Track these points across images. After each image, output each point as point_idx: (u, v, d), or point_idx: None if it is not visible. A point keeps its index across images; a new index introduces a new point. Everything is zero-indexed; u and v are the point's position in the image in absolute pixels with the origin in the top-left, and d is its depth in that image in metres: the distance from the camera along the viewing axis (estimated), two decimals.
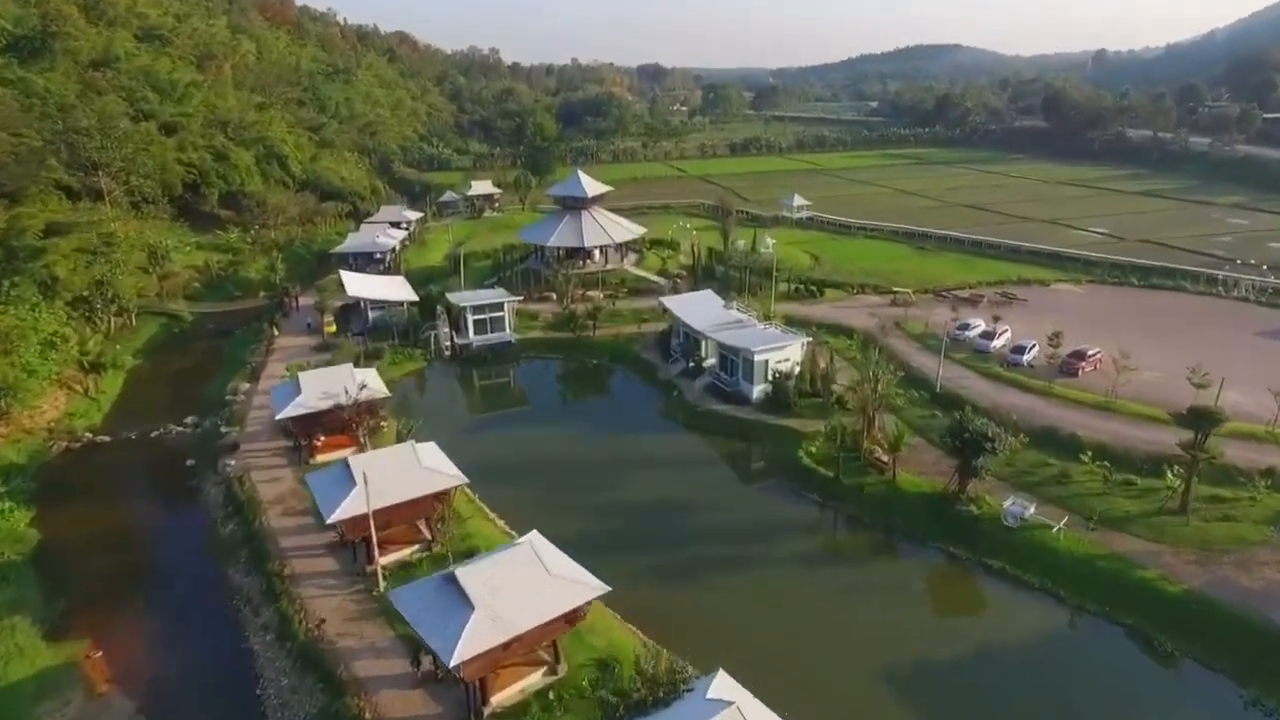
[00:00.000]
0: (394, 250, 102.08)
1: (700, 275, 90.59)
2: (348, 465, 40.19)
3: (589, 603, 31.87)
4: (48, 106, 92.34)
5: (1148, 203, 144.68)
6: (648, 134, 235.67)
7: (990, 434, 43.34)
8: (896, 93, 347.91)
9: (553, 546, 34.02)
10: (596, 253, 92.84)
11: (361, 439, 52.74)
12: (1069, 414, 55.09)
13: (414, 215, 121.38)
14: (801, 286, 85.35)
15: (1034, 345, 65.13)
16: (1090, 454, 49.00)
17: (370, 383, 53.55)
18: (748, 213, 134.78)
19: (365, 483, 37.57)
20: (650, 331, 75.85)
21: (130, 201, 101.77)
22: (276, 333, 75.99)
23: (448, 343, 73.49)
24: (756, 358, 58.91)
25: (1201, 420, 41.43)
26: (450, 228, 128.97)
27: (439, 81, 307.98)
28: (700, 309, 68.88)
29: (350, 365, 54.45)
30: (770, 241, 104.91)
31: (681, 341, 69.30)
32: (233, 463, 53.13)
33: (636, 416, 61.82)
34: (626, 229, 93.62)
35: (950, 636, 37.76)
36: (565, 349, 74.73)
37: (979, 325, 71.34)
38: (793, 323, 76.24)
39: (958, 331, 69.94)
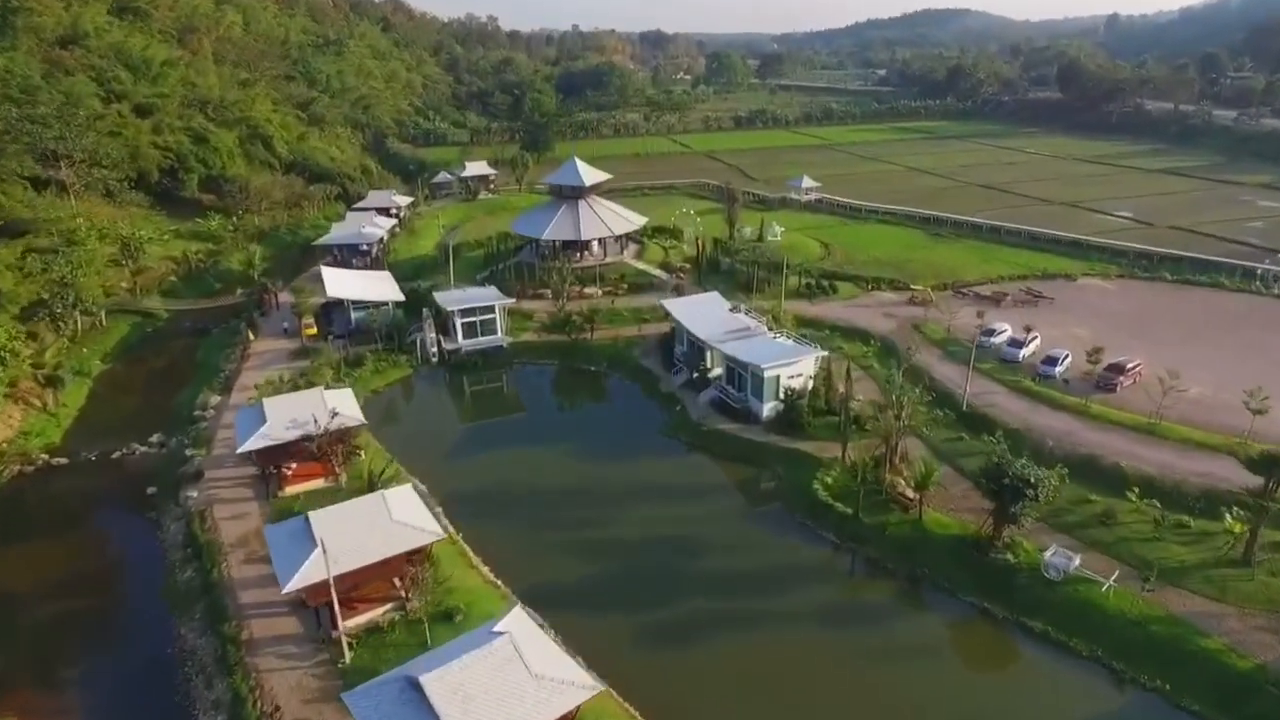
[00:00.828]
0: (382, 240, 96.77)
1: (704, 269, 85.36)
2: (308, 522, 35.64)
3: (579, 707, 27.48)
4: (9, 89, 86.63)
5: (1172, 182, 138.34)
6: (650, 107, 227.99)
7: (1033, 479, 38.60)
8: (905, 61, 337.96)
9: (538, 631, 29.69)
10: (595, 244, 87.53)
11: (335, 469, 48.28)
12: (1110, 439, 50.27)
13: (404, 200, 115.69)
14: (813, 283, 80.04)
15: (1066, 356, 60.11)
16: (1137, 490, 44.33)
17: (343, 407, 48.80)
18: (754, 194, 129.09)
19: (325, 548, 33.05)
20: (651, 334, 70.94)
21: (102, 190, 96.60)
22: (252, 337, 71.05)
23: (434, 348, 68.66)
24: (767, 374, 54.08)
25: (1275, 468, 36.65)
26: (442, 213, 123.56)
27: (435, 52, 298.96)
28: (705, 314, 63.87)
29: (321, 390, 49.63)
30: (778, 229, 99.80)
31: (685, 350, 64.43)
32: (195, 494, 48.68)
33: (637, 434, 57.13)
34: (626, 220, 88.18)
35: (983, 716, 33.46)
36: (561, 354, 69.87)
37: (1005, 330, 66.26)
38: (804, 324, 71.52)
39: (983, 338, 64.77)
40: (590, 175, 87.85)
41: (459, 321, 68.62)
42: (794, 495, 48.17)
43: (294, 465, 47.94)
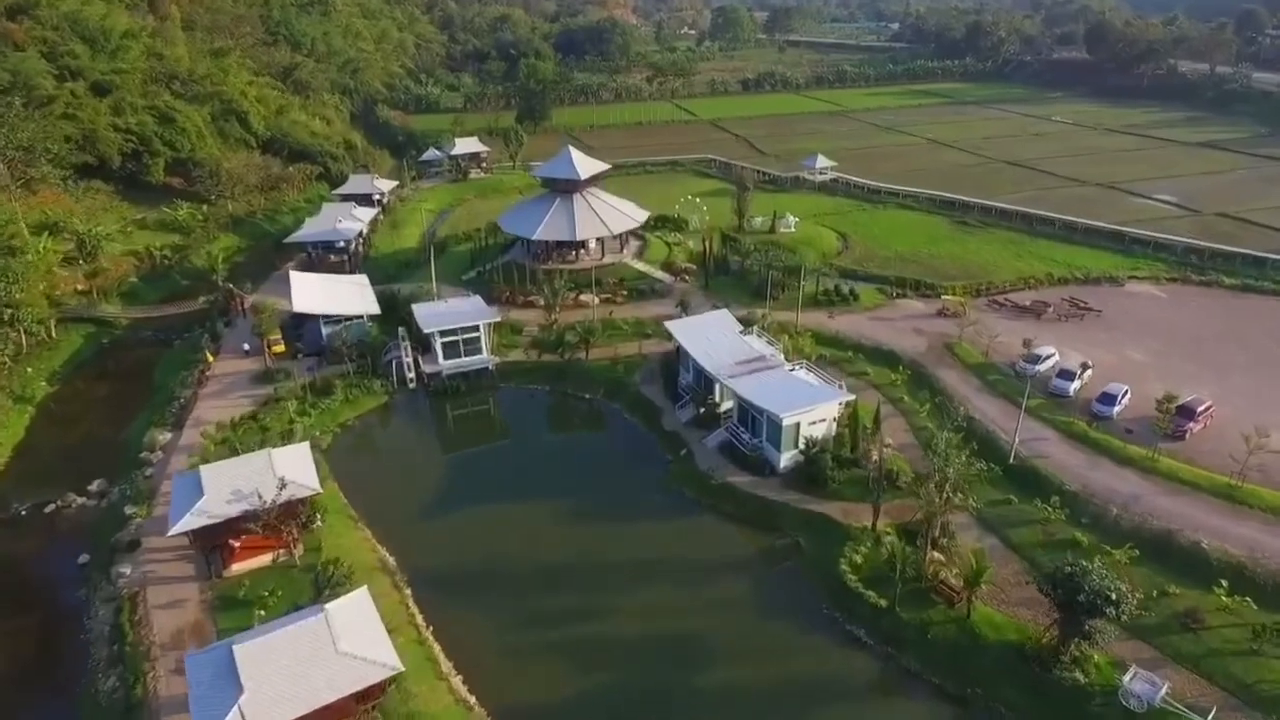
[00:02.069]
0: (361, 235, 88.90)
1: (712, 270, 77.62)
2: (233, 657, 29.19)
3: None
4: None
5: (1213, 159, 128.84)
6: (655, 73, 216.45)
7: (1114, 596, 31.84)
8: (919, 16, 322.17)
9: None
10: (592, 243, 79.74)
11: (289, 541, 41.78)
12: (1185, 506, 43.38)
13: (387, 186, 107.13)
14: (832, 289, 72.38)
15: (1125, 392, 52.87)
16: (1226, 584, 37.64)
17: (296, 472, 42.06)
18: (765, 173, 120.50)
19: (250, 702, 26.65)
20: (653, 352, 63.73)
21: (57, 181, 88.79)
22: (211, 359, 64.02)
23: (411, 373, 61.70)
24: (785, 422, 47.09)
25: None
26: (430, 195, 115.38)
27: (428, 9, 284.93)
28: (713, 338, 56.59)
29: (268, 454, 42.68)
30: (792, 220, 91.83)
31: (691, 380, 57.36)
32: (128, 571, 42.28)
33: (637, 485, 50.40)
34: (626, 216, 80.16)
35: None
36: (552, 377, 62.79)
37: (1051, 354, 58.86)
38: (824, 342, 64.30)
39: (1026, 365, 57.63)
40: (586, 167, 79.64)
41: (439, 341, 61.56)
42: (818, 575, 41.58)
43: (241, 538, 41.46)
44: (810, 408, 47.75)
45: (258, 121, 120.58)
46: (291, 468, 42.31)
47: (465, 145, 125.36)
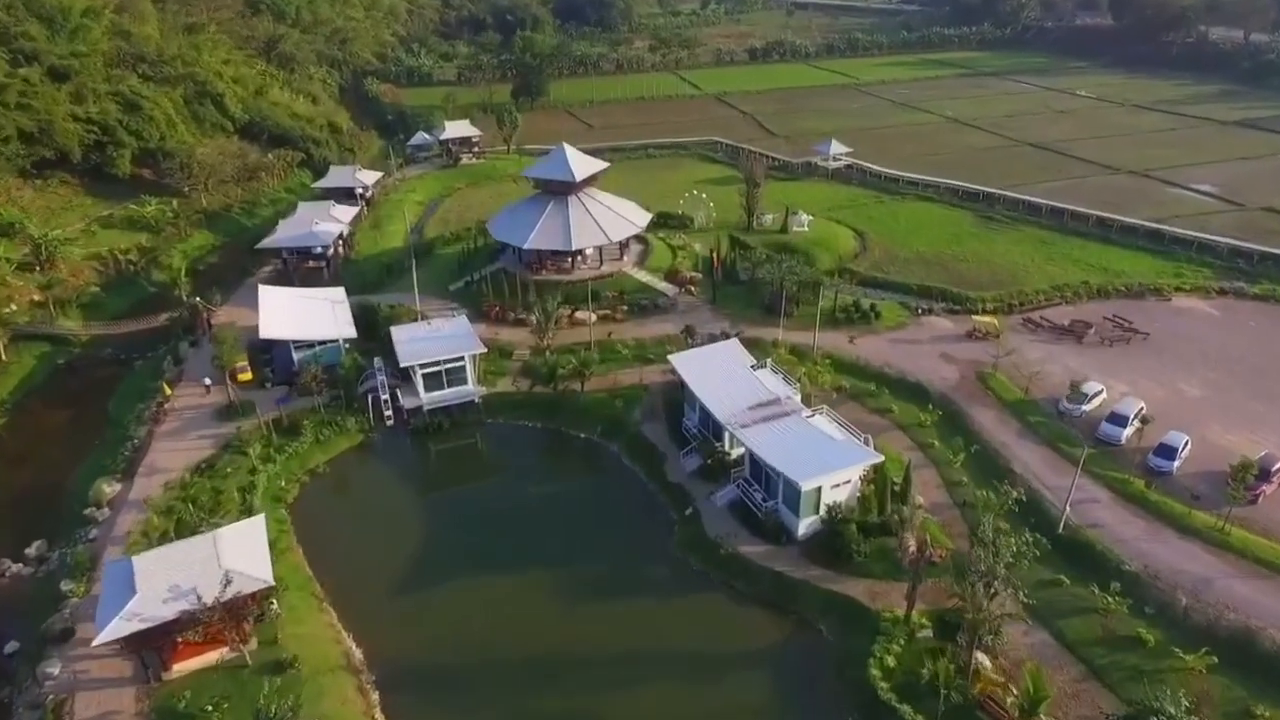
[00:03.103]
0: (341, 237, 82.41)
1: (720, 281, 71.33)
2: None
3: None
4: None
5: (1253, 141, 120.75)
6: (658, 44, 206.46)
7: None
8: None
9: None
10: (589, 249, 73.30)
11: (240, 635, 36.43)
12: (1267, 595, 37.81)
13: (371, 178, 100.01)
14: (851, 306, 66.09)
15: (1186, 443, 46.98)
16: None
17: (245, 559, 36.55)
18: (775, 159, 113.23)
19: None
20: (656, 381, 57.86)
21: (17, 170, 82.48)
22: (169, 392, 58.26)
23: (390, 411, 55.99)
24: (805, 489, 41.44)
25: None
26: (419, 184, 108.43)
27: None
28: (722, 376, 50.69)
29: (213, 540, 37.05)
30: (805, 218, 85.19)
31: (697, 422, 51.58)
32: (56, 671, 37.12)
33: (637, 551, 44.93)
34: (627, 220, 73.48)
35: None
36: (545, 411, 56.95)
37: (1099, 391, 52.80)
38: (843, 370, 58.44)
39: (1071, 405, 51.74)
40: (582, 166, 72.82)
41: (420, 374, 55.77)
42: (845, 679, 36.22)
43: (184, 636, 36.19)
44: (833, 473, 42.00)
45: (234, 104, 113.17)
46: (240, 554, 36.79)
47: (456, 129, 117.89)
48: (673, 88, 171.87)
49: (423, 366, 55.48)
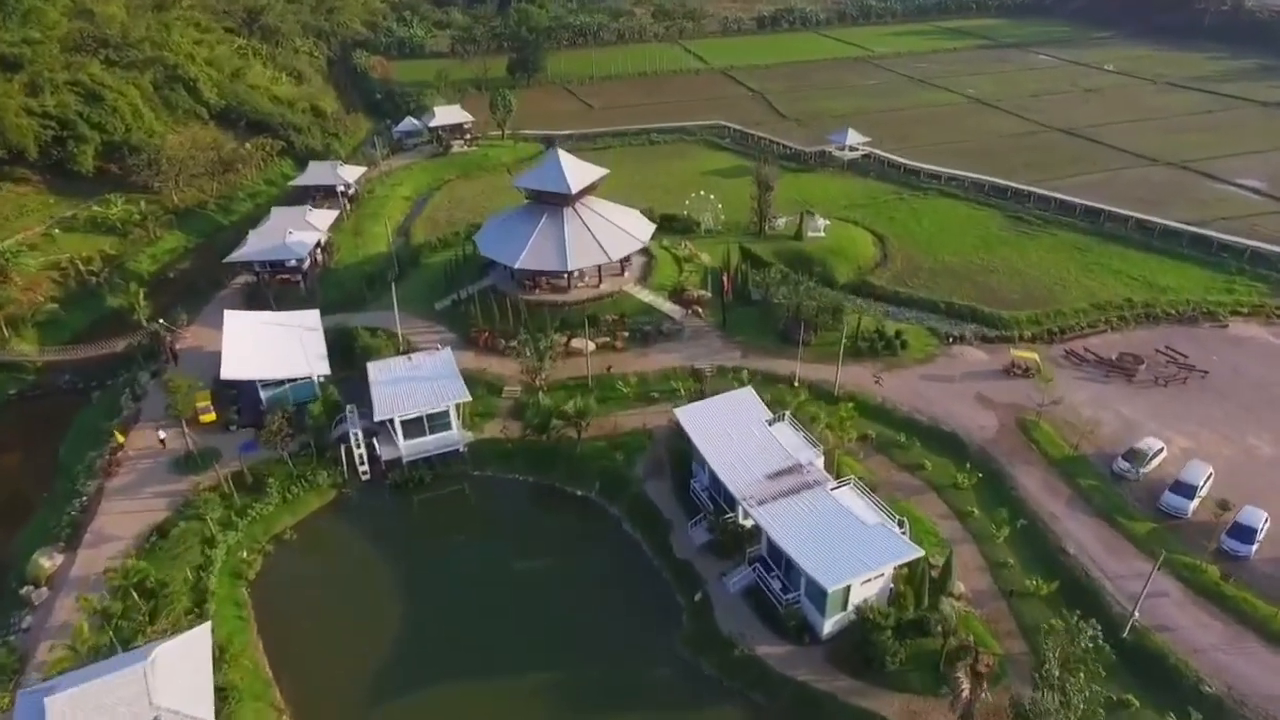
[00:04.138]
0: (320, 245, 76.02)
1: (730, 300, 65.21)
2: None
3: None
4: None
5: None
6: (661, 13, 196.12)
7: None
8: None
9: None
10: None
11: None
12: None
13: (353, 174, 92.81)
14: (875, 335, 60.03)
15: (1265, 521, 41.36)
16: None
17: (184, 690, 31.37)
18: (786, 147, 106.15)
19: None
20: (660, 428, 52.21)
21: None
22: (122, 439, 52.66)
23: (365, 465, 50.46)
24: (832, 591, 36.04)
25: None
26: (406, 176, 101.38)
27: None
28: (734, 433, 45.04)
29: (144, 672, 31.36)
30: (822, 223, 78.72)
31: (707, 485, 46.02)
32: None
33: (637, 647, 39.63)
34: (628, 235, 66.89)
35: None
36: (537, 462, 51.32)
37: (1159, 451, 46.94)
38: (868, 413, 52.76)
39: (1125, 466, 46.04)
40: (578, 175, 66.08)
41: (399, 423, 50.16)
42: None
43: None
44: (864, 574, 36.53)
45: (209, 89, 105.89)
46: (177, 686, 31.51)
47: (446, 115, 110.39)
48: (677, 61, 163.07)
49: (403, 415, 49.80)
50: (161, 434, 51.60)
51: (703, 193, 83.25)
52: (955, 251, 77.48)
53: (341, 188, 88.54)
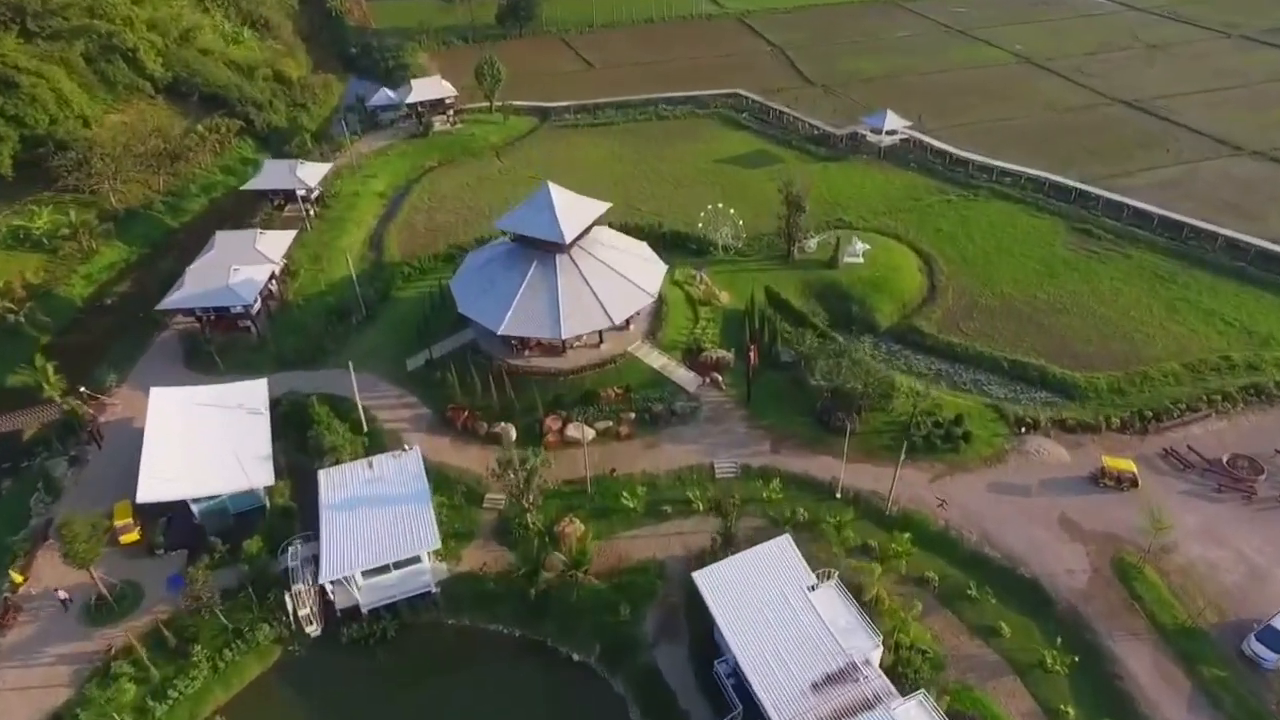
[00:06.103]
0: (274, 277, 64.71)
1: (756, 366, 54.55)
2: None
3: None
4: None
5: None
6: None
7: None
8: None
9: None
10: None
11: None
12: None
13: (316, 175, 79.27)
14: (931, 425, 49.66)
15: None
16: None
17: None
18: (814, 127, 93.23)
19: None
20: (675, 558, 42.99)
21: None
22: (19, 580, 43.39)
23: (313, 623, 41.27)
24: None
25: None
26: (381, 167, 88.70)
27: None
28: (769, 612, 35.79)
29: None
30: (860, 247, 67.48)
31: (732, 670, 36.86)
32: None
33: None
34: (634, 286, 55.40)
35: None
36: (525, 612, 41.85)
37: None
38: (927, 544, 43.20)
39: (1260, 650, 36.72)
40: (574, 218, 54.20)
41: (359, 571, 40.81)
42: None
43: None
44: None
45: (151, 58, 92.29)
46: None
47: (426, 89, 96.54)
48: (687, 5, 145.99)
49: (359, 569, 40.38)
50: (63, 594, 42.04)
51: (719, 205, 71.22)
52: (1015, 280, 66.44)
53: (302, 192, 76.37)
